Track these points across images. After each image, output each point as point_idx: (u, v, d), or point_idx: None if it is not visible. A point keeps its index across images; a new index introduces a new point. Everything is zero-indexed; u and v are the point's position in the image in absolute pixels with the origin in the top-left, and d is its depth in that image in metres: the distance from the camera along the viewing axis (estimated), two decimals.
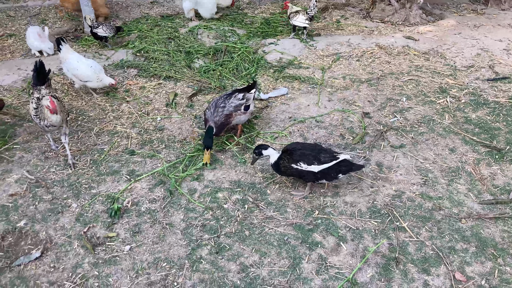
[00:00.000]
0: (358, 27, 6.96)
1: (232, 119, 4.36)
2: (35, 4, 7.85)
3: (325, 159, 3.58)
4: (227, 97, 4.39)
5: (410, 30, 6.86)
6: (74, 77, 5.01)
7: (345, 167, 3.66)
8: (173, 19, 7.23)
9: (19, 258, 3.24)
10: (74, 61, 4.96)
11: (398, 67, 5.82)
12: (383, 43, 6.41)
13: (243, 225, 3.52)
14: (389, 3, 7.29)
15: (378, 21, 7.25)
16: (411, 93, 5.27)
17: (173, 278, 3.10)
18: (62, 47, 4.99)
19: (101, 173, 4.04)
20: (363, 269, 3.16)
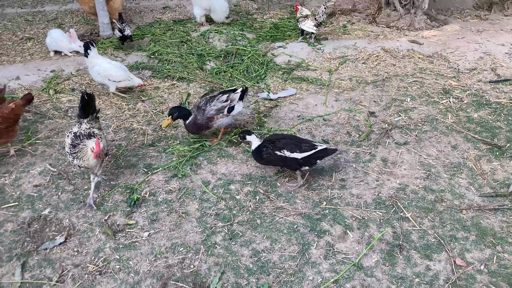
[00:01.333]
0: (364, 32, 7.18)
1: (213, 123, 4.38)
2: (52, 9, 8.14)
3: (305, 148, 3.88)
4: (210, 100, 4.38)
5: (415, 35, 7.07)
6: (106, 80, 5.19)
7: (322, 154, 3.94)
8: (185, 24, 7.48)
9: (45, 243, 3.45)
10: (105, 63, 5.15)
11: (403, 70, 6.02)
12: (388, 47, 6.62)
13: (255, 214, 3.72)
14: (395, 9, 7.51)
15: (384, 26, 7.46)
16: (415, 94, 5.46)
17: (189, 261, 3.30)
18: (91, 51, 5.14)
19: (119, 166, 4.26)
20: (369, 255, 3.34)
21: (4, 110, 4.11)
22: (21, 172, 4.17)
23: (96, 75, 5.21)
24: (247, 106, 5.25)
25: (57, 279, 3.15)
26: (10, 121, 4.15)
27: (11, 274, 3.19)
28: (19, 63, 6.22)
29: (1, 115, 4.06)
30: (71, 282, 3.15)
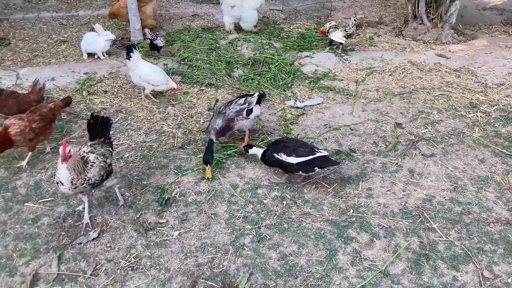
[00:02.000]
0: (390, 44, 7.23)
1: (234, 124, 4.50)
2: (85, 14, 8.40)
3: (302, 153, 3.97)
4: (229, 104, 4.56)
5: (442, 49, 7.09)
6: (146, 83, 5.35)
7: (321, 162, 3.99)
8: (213, 31, 7.64)
9: (79, 238, 3.57)
10: (146, 67, 5.31)
11: (430, 83, 6.05)
12: (415, 60, 6.65)
13: (282, 218, 3.79)
14: (422, 23, 7.54)
15: (410, 39, 7.50)
16: (442, 107, 5.48)
17: (219, 261, 3.38)
18: (133, 54, 5.30)
19: (150, 167, 4.38)
20: (395, 263, 3.38)
21: (43, 109, 4.28)
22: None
23: (136, 78, 5.38)
24: (273, 113, 5.35)
25: (91, 273, 3.27)
26: (48, 120, 4.31)
27: (48, 266, 3.32)
28: (54, 64, 6.44)
29: (40, 114, 4.23)
30: (104, 276, 3.26)
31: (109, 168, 3.70)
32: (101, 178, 3.59)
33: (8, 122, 4.11)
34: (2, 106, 4.47)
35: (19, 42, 7.17)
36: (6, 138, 4.03)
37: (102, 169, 3.58)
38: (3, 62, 6.49)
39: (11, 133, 4.03)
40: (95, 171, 3.53)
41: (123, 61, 6.52)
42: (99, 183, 3.59)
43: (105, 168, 3.62)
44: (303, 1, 8.84)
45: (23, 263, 3.33)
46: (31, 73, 6.09)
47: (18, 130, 4.05)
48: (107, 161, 3.67)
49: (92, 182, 3.51)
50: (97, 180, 3.55)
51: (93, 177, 3.51)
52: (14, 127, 4.06)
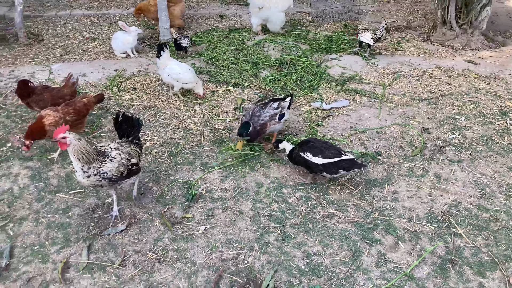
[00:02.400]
0: (418, 49, 7.18)
1: (266, 129, 4.60)
2: (115, 12, 8.58)
3: (329, 154, 3.99)
4: (263, 107, 4.61)
5: (471, 55, 7.00)
6: (175, 81, 5.45)
7: (347, 164, 3.98)
8: (240, 32, 7.70)
9: (108, 229, 3.66)
10: (175, 66, 5.41)
11: (458, 89, 5.99)
12: (443, 65, 6.59)
13: (307, 218, 3.81)
14: (451, 28, 7.46)
15: (438, 44, 7.42)
16: (470, 113, 5.42)
17: (243, 257, 3.43)
18: (163, 53, 5.42)
19: (178, 163, 4.46)
20: (420, 266, 3.36)
21: (77, 104, 4.41)
22: None
23: (165, 76, 5.49)
24: (299, 114, 5.37)
25: (120, 263, 3.35)
26: (81, 115, 4.44)
27: (78, 254, 3.42)
28: (85, 61, 6.60)
29: (74, 108, 4.36)
30: (132, 266, 3.34)
31: (133, 168, 3.65)
32: (120, 175, 3.55)
33: (44, 113, 4.25)
34: (38, 100, 4.62)
35: (52, 39, 7.38)
36: (40, 127, 4.17)
37: (122, 166, 3.55)
38: (36, 57, 6.68)
39: (45, 123, 4.17)
40: (113, 166, 3.51)
41: (152, 59, 6.64)
42: (117, 179, 3.55)
43: (127, 166, 3.59)
44: (330, 4, 8.85)
45: (54, 251, 3.44)
46: (63, 69, 6.26)
47: (53, 121, 4.19)
48: (131, 160, 3.64)
49: (109, 177, 3.49)
50: (115, 176, 3.52)
51: (109, 171, 3.48)
52: (49, 118, 4.20)
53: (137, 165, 3.72)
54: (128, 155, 3.64)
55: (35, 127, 4.18)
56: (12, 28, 7.52)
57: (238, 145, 4.49)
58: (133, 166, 3.66)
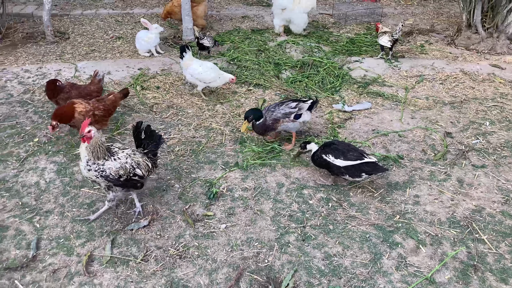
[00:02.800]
0: (442, 53, 7.10)
1: (278, 125, 4.57)
2: (140, 12, 8.71)
3: (351, 157, 3.98)
4: (280, 104, 4.65)
5: (497, 59, 6.90)
6: (198, 81, 5.51)
7: (369, 168, 3.97)
8: (262, 33, 7.74)
9: (131, 224, 3.73)
10: (197, 66, 5.48)
11: (482, 93, 5.91)
12: (467, 69, 6.51)
13: (327, 220, 3.82)
14: (476, 32, 7.36)
15: (463, 48, 7.33)
16: (495, 118, 5.35)
17: (264, 256, 3.45)
18: (186, 54, 5.50)
19: (199, 161, 4.51)
20: (441, 271, 3.34)
21: (106, 102, 4.52)
22: None
23: (189, 76, 5.56)
24: (321, 116, 5.37)
25: (142, 258, 3.41)
26: (108, 113, 4.54)
27: (102, 248, 3.49)
28: (109, 59, 6.72)
29: (104, 105, 4.47)
30: (154, 262, 3.39)
31: (134, 178, 3.56)
32: (118, 178, 3.50)
33: (76, 101, 4.37)
34: (66, 97, 4.73)
35: (77, 37, 7.53)
36: (70, 111, 4.28)
37: (123, 169, 3.50)
38: (63, 55, 6.83)
39: (76, 109, 4.28)
40: (114, 166, 3.48)
41: (175, 58, 6.73)
42: (113, 181, 3.50)
43: (128, 171, 3.52)
44: (353, 6, 8.82)
45: (79, 244, 3.52)
46: (89, 66, 6.38)
47: (83, 110, 4.31)
48: (136, 169, 3.56)
49: (106, 175, 3.45)
50: (112, 177, 3.47)
51: (108, 169, 3.45)
52: (80, 106, 4.33)
53: (141, 178, 3.63)
54: (136, 164, 3.59)
55: (65, 110, 4.28)
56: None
57: (242, 128, 4.57)
58: (136, 176, 3.59)
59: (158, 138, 3.82)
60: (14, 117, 5.19)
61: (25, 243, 3.52)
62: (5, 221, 3.72)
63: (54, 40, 7.31)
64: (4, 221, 3.72)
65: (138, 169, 3.60)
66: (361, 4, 8.99)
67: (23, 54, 6.85)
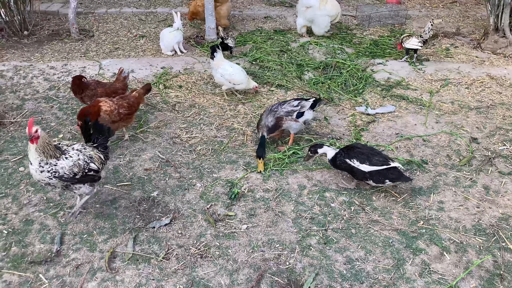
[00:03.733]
0: (468, 56, 6.97)
1: (283, 123, 4.60)
2: (163, 11, 8.77)
3: (376, 162, 3.91)
4: (283, 103, 4.69)
5: None
6: (227, 81, 5.52)
7: (394, 175, 3.93)
8: (285, 34, 7.71)
9: (152, 222, 3.75)
10: (228, 67, 5.50)
11: (510, 98, 5.78)
12: (494, 74, 6.38)
13: (349, 223, 3.78)
14: (503, 35, 7.21)
15: (490, 52, 7.19)
16: None
17: (285, 258, 3.43)
18: (217, 54, 5.51)
19: (221, 161, 4.52)
20: (466, 279, 3.27)
21: (131, 99, 4.56)
22: (133, 155, 4.56)
23: (219, 76, 5.56)
24: (343, 118, 5.33)
25: (163, 256, 3.42)
26: (133, 110, 4.58)
27: (124, 245, 3.51)
28: (133, 57, 6.78)
29: (128, 102, 4.51)
30: (175, 260, 3.40)
31: (90, 173, 3.50)
32: (73, 176, 3.41)
33: (101, 99, 4.42)
34: (91, 95, 4.79)
35: (102, 35, 7.62)
36: (96, 110, 4.31)
37: (76, 166, 3.41)
38: (87, 52, 6.92)
39: (102, 108, 4.32)
40: (66, 165, 3.38)
41: (197, 58, 6.75)
42: (68, 180, 3.40)
43: (82, 168, 3.44)
44: (377, 8, 8.72)
45: (102, 241, 3.55)
46: (113, 64, 6.45)
47: (108, 109, 4.34)
48: (90, 164, 3.50)
49: (60, 175, 3.34)
50: (66, 175, 3.37)
51: (61, 169, 3.35)
52: (106, 104, 4.36)
53: (96, 172, 3.56)
54: (89, 159, 3.52)
55: (92, 109, 4.31)
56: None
57: (259, 167, 4.37)
58: (91, 171, 3.52)
59: (107, 130, 3.77)
60: (39, 113, 5.27)
61: (49, 237, 3.57)
62: (30, 215, 3.78)
63: (79, 37, 7.42)
64: (29, 215, 3.78)
65: (92, 163, 3.53)
66: (385, 6, 8.89)
67: (49, 51, 6.96)
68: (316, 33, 7.54)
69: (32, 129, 3.22)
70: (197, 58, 6.75)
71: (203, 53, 6.96)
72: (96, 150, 3.65)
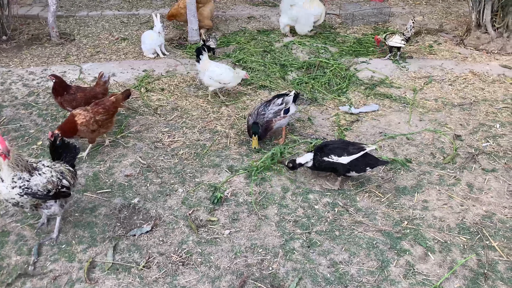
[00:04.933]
0: (451, 53, 6.98)
1: (273, 125, 4.67)
2: (145, 13, 8.66)
3: (353, 150, 3.96)
4: (267, 104, 4.71)
5: (507, 59, 6.76)
6: (216, 83, 5.45)
7: (372, 161, 4.00)
8: (269, 34, 7.65)
9: (133, 230, 3.68)
10: (215, 68, 5.44)
11: (493, 94, 5.79)
12: (477, 70, 6.39)
13: (333, 225, 3.74)
14: (486, 31, 7.23)
15: (472, 48, 7.20)
16: (506, 120, 5.23)
17: (268, 263, 3.38)
18: (202, 57, 5.43)
19: (203, 165, 4.45)
20: (450, 279, 3.25)
21: (106, 103, 4.46)
22: (114, 161, 4.47)
23: (207, 79, 5.48)
24: (327, 118, 5.29)
25: (144, 264, 3.35)
26: (110, 114, 4.49)
27: (103, 254, 3.44)
28: (114, 61, 6.68)
29: (104, 107, 4.41)
30: (156, 268, 3.34)
31: (63, 190, 3.39)
32: (47, 193, 3.28)
33: (75, 112, 4.32)
34: (71, 99, 4.70)
35: (83, 38, 7.50)
36: (73, 126, 4.22)
37: (50, 183, 3.30)
38: (68, 57, 6.81)
39: (77, 122, 4.23)
40: (40, 181, 3.25)
41: (180, 60, 6.67)
42: (42, 197, 3.27)
43: (56, 184, 3.33)
44: (360, 6, 8.71)
45: (81, 250, 3.47)
46: (94, 68, 6.35)
47: (84, 121, 4.25)
48: (63, 181, 3.40)
49: (33, 192, 3.20)
50: (40, 193, 3.24)
51: (35, 186, 3.21)
52: (80, 117, 4.26)
53: (68, 188, 3.45)
54: (60, 174, 3.42)
55: (68, 125, 4.23)
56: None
57: (254, 143, 4.57)
58: (64, 188, 3.41)
59: (74, 148, 3.68)
60: (18, 120, 5.16)
61: (26, 248, 3.48)
62: (6, 226, 3.69)
63: (60, 41, 7.29)
64: (6, 226, 3.69)
65: (65, 180, 3.43)
66: (369, 4, 8.88)
67: (28, 56, 6.83)
68: (299, 33, 7.49)
69: (5, 144, 3.07)
70: (179, 60, 6.67)
71: (186, 55, 6.88)
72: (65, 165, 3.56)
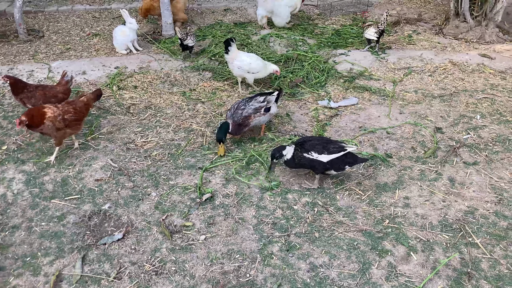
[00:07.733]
0: (430, 43, 6.89)
1: (250, 121, 4.53)
2: (118, 7, 8.36)
3: (333, 149, 3.83)
4: (249, 100, 4.60)
5: (486, 48, 6.71)
6: (246, 73, 5.32)
7: (351, 159, 3.90)
8: (246, 27, 7.46)
9: (104, 238, 3.50)
10: (245, 57, 5.31)
11: (472, 85, 5.71)
12: (456, 60, 6.31)
13: (313, 227, 3.61)
14: (464, 20, 7.16)
15: (451, 37, 7.13)
16: (486, 111, 5.16)
17: (245, 270, 3.24)
18: (231, 47, 5.28)
19: (178, 166, 4.27)
20: (434, 280, 3.15)
21: (78, 104, 4.26)
22: (84, 165, 4.27)
23: (236, 69, 5.37)
24: (306, 113, 5.15)
25: (115, 276, 3.18)
26: (80, 116, 4.28)
27: (71, 266, 3.25)
28: (85, 58, 6.42)
29: (74, 108, 4.20)
30: (128, 279, 3.17)
31: None
32: None
33: (45, 105, 4.15)
34: (29, 97, 4.49)
35: (52, 35, 7.21)
36: (41, 114, 4.04)
37: None
38: (36, 54, 6.52)
39: (45, 115, 4.03)
40: None
41: (153, 55, 6.45)
42: None
43: None
44: None
45: (47, 263, 3.28)
46: (63, 66, 6.08)
47: (51, 116, 4.06)
48: None
49: None
50: None
51: None
52: (49, 111, 4.08)
53: None
54: None
55: (36, 112, 4.04)
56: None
57: (220, 151, 4.38)
58: None
59: None
60: None
61: None
62: None
63: (27, 38, 6.99)
64: None
65: None
66: None
67: None
68: (277, 25, 7.32)
69: None
70: (153, 55, 6.45)
71: (160, 50, 6.65)
72: None
